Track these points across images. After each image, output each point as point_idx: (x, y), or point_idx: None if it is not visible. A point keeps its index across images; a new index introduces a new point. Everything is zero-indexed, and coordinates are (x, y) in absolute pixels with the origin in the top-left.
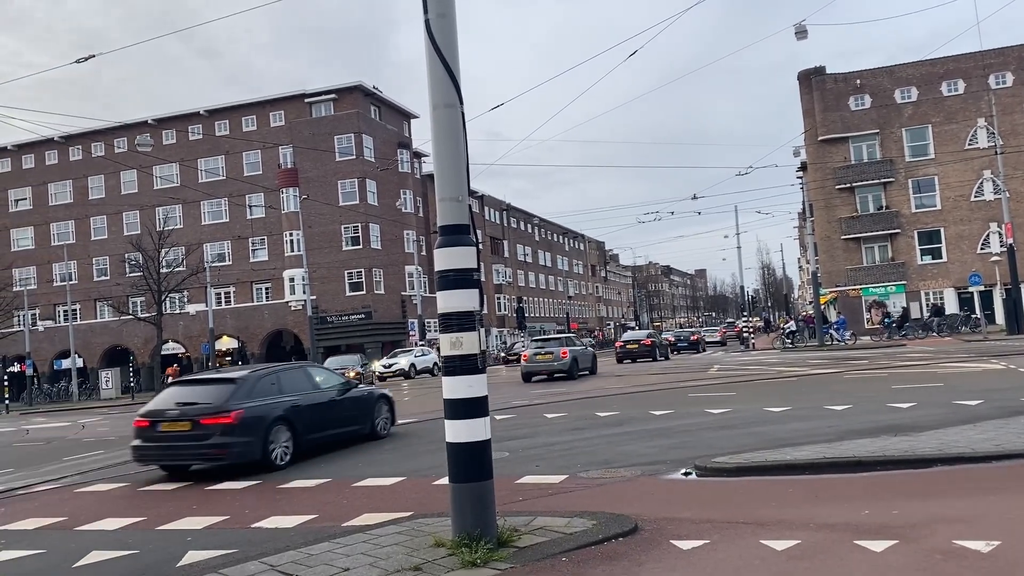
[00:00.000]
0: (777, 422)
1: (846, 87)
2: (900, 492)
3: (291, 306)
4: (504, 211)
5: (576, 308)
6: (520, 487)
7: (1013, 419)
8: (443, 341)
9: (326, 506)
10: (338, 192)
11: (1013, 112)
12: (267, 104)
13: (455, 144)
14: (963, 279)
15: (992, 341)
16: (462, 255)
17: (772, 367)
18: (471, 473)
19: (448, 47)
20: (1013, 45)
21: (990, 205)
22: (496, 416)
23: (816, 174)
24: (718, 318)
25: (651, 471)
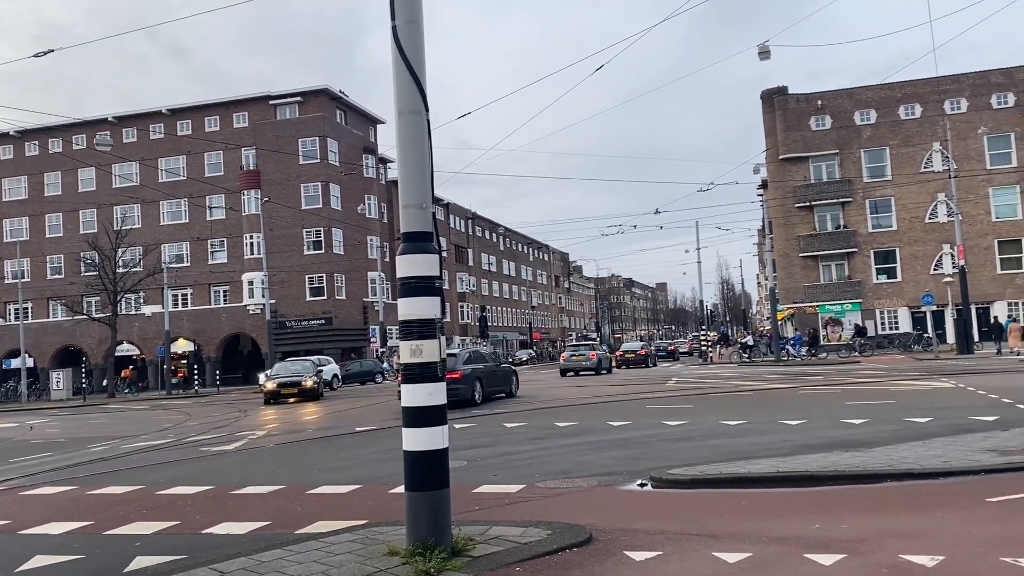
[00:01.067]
0: (733, 435)
1: (807, 107)
2: (850, 507)
3: (250, 310)
4: (469, 219)
5: (539, 318)
6: (477, 496)
7: (960, 437)
8: (403, 348)
9: (279, 513)
10: (301, 195)
11: (967, 137)
12: (231, 105)
13: (420, 151)
14: (916, 299)
15: (943, 360)
16: (425, 262)
17: (729, 381)
18: (428, 482)
19: (415, 54)
20: (968, 72)
21: (943, 227)
22: (455, 425)
23: (776, 192)
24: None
25: (608, 481)
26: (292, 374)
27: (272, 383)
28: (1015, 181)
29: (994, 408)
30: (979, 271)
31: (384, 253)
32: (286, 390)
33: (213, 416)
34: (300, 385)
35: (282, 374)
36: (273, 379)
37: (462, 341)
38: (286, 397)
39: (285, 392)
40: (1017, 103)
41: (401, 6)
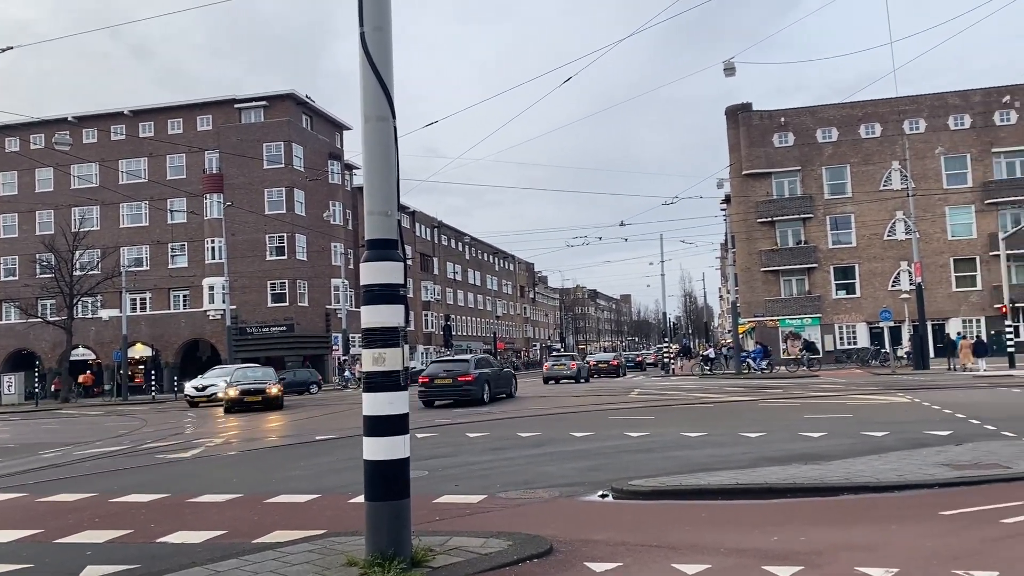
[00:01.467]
0: (694, 447)
1: (771, 124)
2: (808, 519)
3: (209, 315)
4: (435, 228)
5: (504, 328)
6: (438, 506)
7: (916, 451)
8: (366, 356)
9: (236, 522)
10: (264, 200)
11: (925, 157)
12: (195, 107)
13: (386, 158)
14: (874, 314)
15: (899, 375)
16: (389, 270)
17: (690, 393)
18: (388, 491)
19: (383, 61)
20: (926, 94)
21: (901, 245)
22: (417, 435)
23: (739, 207)
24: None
25: (569, 492)
26: (254, 381)
27: (234, 390)
28: (970, 201)
29: (948, 423)
30: (935, 288)
31: (348, 260)
32: (249, 398)
33: (170, 423)
34: (264, 393)
35: (243, 381)
36: (235, 386)
37: (426, 350)
38: (249, 405)
39: (248, 400)
40: (973, 125)
41: (369, 12)
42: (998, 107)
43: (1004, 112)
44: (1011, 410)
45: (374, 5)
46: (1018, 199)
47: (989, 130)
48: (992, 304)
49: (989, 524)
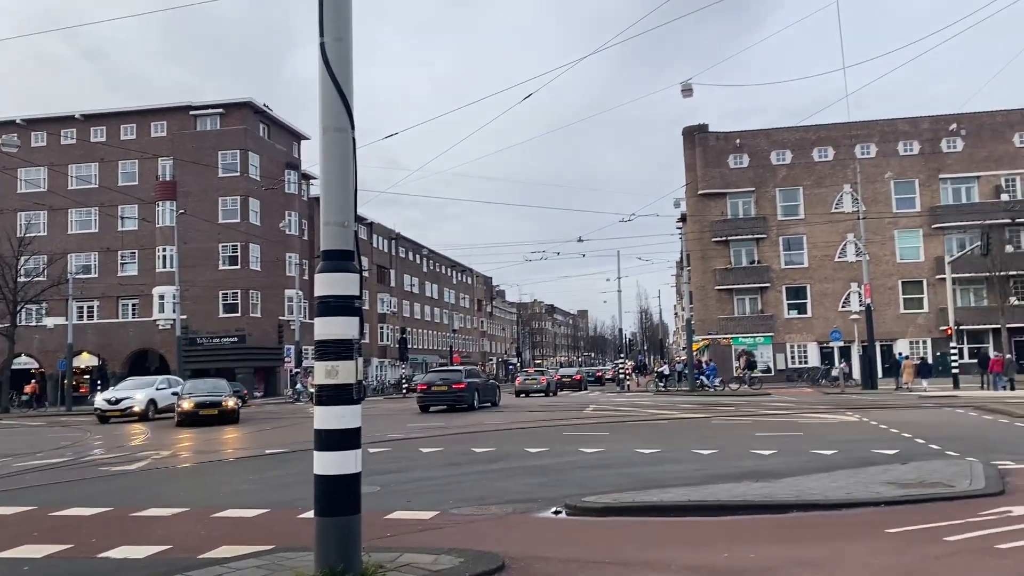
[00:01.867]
0: (647, 463)
1: (727, 145)
2: (759, 536)
3: (159, 324)
4: (393, 240)
5: (460, 341)
6: (389, 522)
7: (863, 469)
8: (318, 369)
9: (182, 536)
10: (218, 209)
11: (875, 181)
12: (149, 113)
13: (344, 168)
14: (825, 334)
15: (848, 394)
16: (344, 281)
17: (645, 409)
18: (339, 507)
19: (342, 71)
20: (878, 120)
21: (852, 266)
22: (370, 449)
23: (694, 226)
24: (597, 359)
25: (523, 509)
26: (209, 393)
27: (189, 402)
28: (918, 225)
29: (895, 442)
30: (884, 310)
31: (303, 271)
32: (205, 411)
33: (115, 434)
34: (220, 406)
35: (197, 393)
36: (190, 398)
37: (381, 363)
38: (204, 419)
39: (204, 413)
40: (922, 151)
41: (330, 23)
42: (945, 135)
43: (951, 140)
44: (955, 430)
45: (335, 15)
46: (964, 224)
47: (936, 157)
48: (938, 326)
49: (933, 542)
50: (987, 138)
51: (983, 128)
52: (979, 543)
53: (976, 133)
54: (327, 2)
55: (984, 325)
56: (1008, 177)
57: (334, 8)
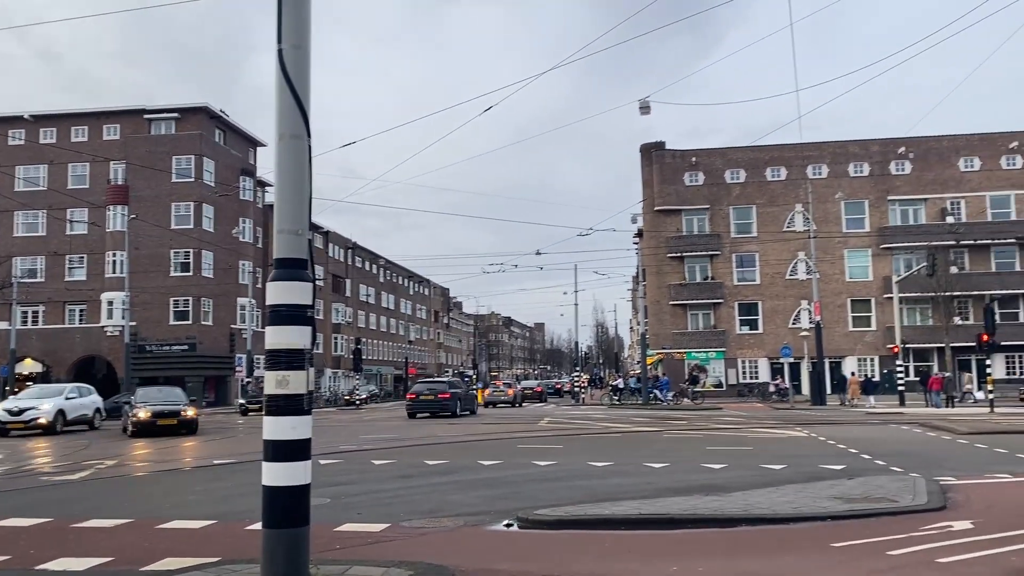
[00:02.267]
0: (600, 476)
1: (683, 163)
2: (707, 550)
3: (107, 331)
4: (349, 249)
5: (416, 353)
6: (339, 535)
7: (811, 484)
8: (268, 378)
9: (125, 548)
10: (171, 214)
11: (826, 201)
12: (102, 115)
13: (299, 176)
14: (775, 350)
15: (798, 410)
16: (297, 290)
17: (599, 422)
18: (287, 518)
19: (300, 79)
20: (829, 141)
21: (802, 284)
22: (320, 461)
23: (650, 241)
24: (554, 372)
25: (474, 521)
26: (166, 402)
27: (145, 411)
28: (867, 245)
29: (841, 457)
30: (833, 327)
31: (256, 279)
32: (163, 420)
33: (59, 442)
34: (180, 415)
35: (153, 401)
36: (145, 407)
37: (334, 374)
38: (162, 429)
39: (162, 423)
40: (871, 173)
41: (288, 30)
42: (894, 157)
43: (899, 162)
44: (900, 446)
45: (293, 23)
46: (911, 245)
47: (885, 179)
48: (885, 344)
49: (876, 556)
50: (934, 162)
51: (930, 152)
52: (920, 557)
53: (923, 157)
54: (285, 9)
55: (929, 344)
56: (953, 200)
57: (293, 15)
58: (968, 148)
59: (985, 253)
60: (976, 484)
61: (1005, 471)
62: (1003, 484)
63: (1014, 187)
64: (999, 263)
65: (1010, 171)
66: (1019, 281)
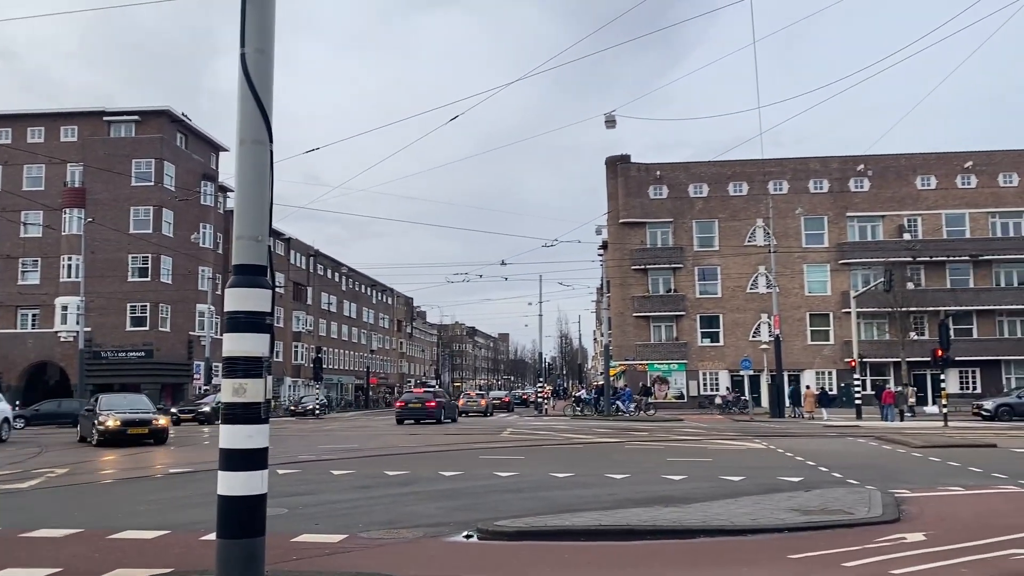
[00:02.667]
0: (561, 487)
1: (647, 176)
2: (666, 561)
3: (60, 336)
4: (311, 257)
5: (378, 362)
6: (295, 545)
7: (769, 496)
8: (225, 387)
9: (74, 559)
10: (130, 219)
11: (786, 216)
12: (60, 117)
13: (260, 182)
14: (736, 363)
15: (757, 422)
16: (256, 297)
17: (561, 433)
18: (242, 528)
19: (263, 83)
20: (790, 158)
21: (762, 298)
22: (278, 471)
23: (615, 253)
24: (517, 382)
25: (434, 532)
26: (135, 410)
27: (114, 420)
28: (826, 260)
29: (799, 470)
30: (792, 341)
31: (216, 285)
32: (134, 429)
33: (8, 451)
34: (151, 424)
35: (120, 409)
36: (114, 415)
37: (294, 383)
38: (133, 438)
39: (133, 432)
40: (831, 189)
41: (252, 34)
42: (853, 174)
43: (858, 179)
44: (856, 459)
45: (257, 26)
46: (868, 261)
47: (844, 195)
48: (843, 358)
49: (832, 568)
50: (891, 179)
51: (888, 170)
52: (875, 569)
53: (882, 174)
54: (249, 13)
55: (886, 358)
56: (910, 217)
57: (256, 19)
58: (925, 167)
59: (940, 270)
60: (929, 496)
61: (958, 484)
62: (955, 496)
63: (968, 206)
64: (953, 280)
65: (965, 190)
66: (973, 298)
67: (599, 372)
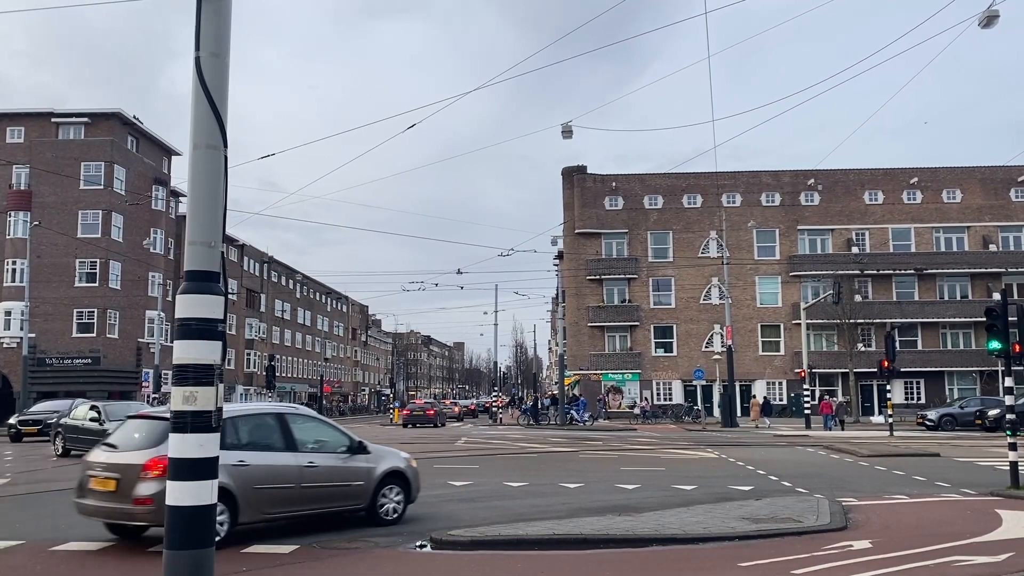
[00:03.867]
0: (515, 497)
1: (603, 187)
2: (618, 570)
3: (4, 343)
4: (265, 263)
5: (332, 370)
6: (246, 556)
7: (720, 504)
8: (175, 395)
9: (15, 571)
10: (78, 223)
11: (739, 229)
12: (6, 117)
13: (214, 187)
14: (689, 373)
15: (709, 431)
16: (208, 304)
17: (516, 442)
18: (191, 539)
19: (217, 88)
20: (743, 171)
21: (715, 308)
22: None
23: (570, 263)
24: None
25: (387, 543)
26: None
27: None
28: (777, 272)
29: (750, 479)
30: (744, 351)
31: (166, 291)
32: None
33: None
34: None
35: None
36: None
37: (246, 391)
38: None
39: None
40: (782, 203)
41: (207, 38)
42: (804, 188)
43: (809, 193)
44: (804, 468)
45: (212, 31)
46: (818, 273)
47: (795, 209)
48: (793, 368)
49: (781, 575)
50: (841, 194)
51: (837, 185)
52: None
53: (831, 189)
54: (205, 17)
55: (834, 369)
56: (858, 231)
57: (212, 23)
58: (872, 182)
59: (887, 283)
60: (875, 505)
61: (903, 492)
62: (900, 504)
63: (914, 220)
64: (899, 292)
65: (910, 205)
66: (917, 310)
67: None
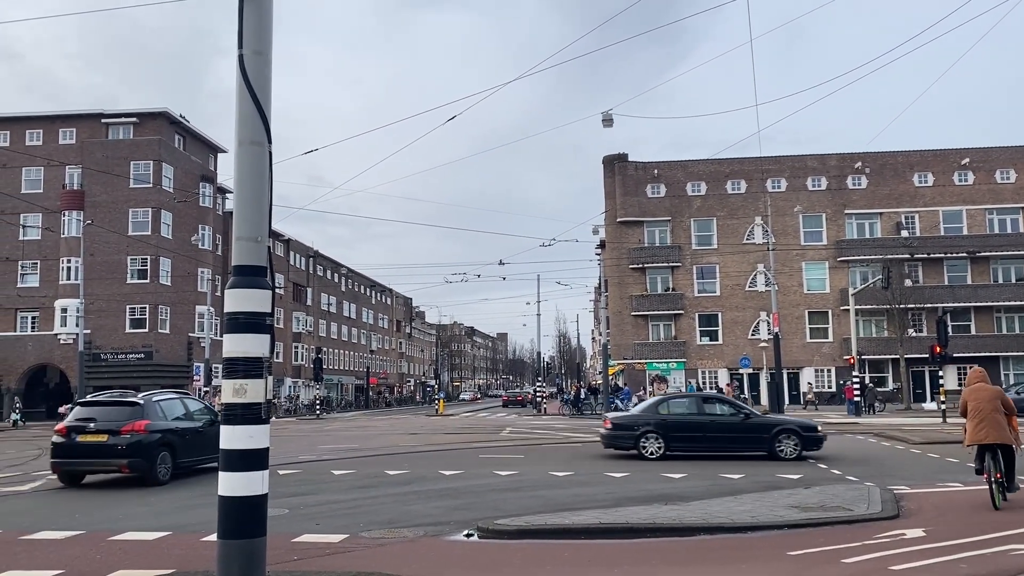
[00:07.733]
0: (560, 486)
1: (645, 175)
2: (666, 559)
3: (60, 339)
4: (311, 258)
5: (378, 362)
6: (296, 546)
7: (768, 493)
8: (226, 387)
9: (76, 560)
10: (129, 221)
11: (785, 214)
12: (59, 119)
13: (259, 183)
14: (735, 361)
15: None
16: (255, 298)
17: (560, 432)
18: (243, 529)
19: (261, 85)
20: (788, 155)
21: (761, 295)
22: (279, 471)
23: (613, 252)
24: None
25: (434, 532)
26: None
27: None
28: (824, 258)
29: (798, 467)
30: (791, 338)
31: (215, 287)
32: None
33: (8, 453)
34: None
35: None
36: None
37: (294, 383)
38: None
39: None
40: (828, 187)
41: (250, 36)
42: (851, 172)
43: (856, 177)
44: (855, 456)
45: (254, 28)
46: (866, 258)
47: (842, 193)
48: (842, 355)
49: (831, 564)
50: (889, 177)
51: (885, 167)
52: (874, 565)
53: (879, 172)
54: (247, 14)
55: (884, 355)
56: (908, 215)
57: (254, 21)
58: (922, 164)
59: (938, 267)
60: (928, 493)
61: (956, 480)
62: (954, 493)
63: (965, 202)
64: (951, 276)
65: (962, 187)
66: (970, 294)
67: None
